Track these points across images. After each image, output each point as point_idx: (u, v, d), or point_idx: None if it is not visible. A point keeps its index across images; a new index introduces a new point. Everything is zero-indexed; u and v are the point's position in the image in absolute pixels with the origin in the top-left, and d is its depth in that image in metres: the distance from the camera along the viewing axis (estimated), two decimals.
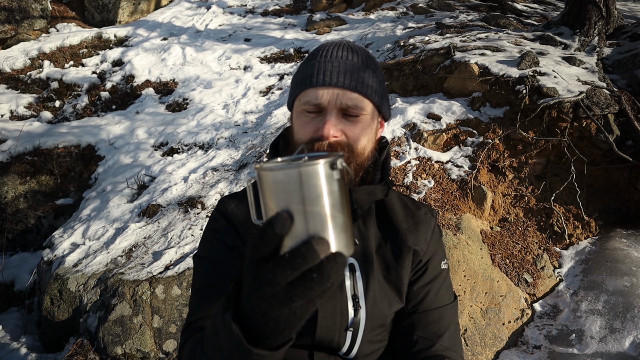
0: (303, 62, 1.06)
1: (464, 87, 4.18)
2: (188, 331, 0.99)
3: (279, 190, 0.58)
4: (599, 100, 3.65)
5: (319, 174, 0.57)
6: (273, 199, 0.59)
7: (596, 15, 4.78)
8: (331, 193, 0.58)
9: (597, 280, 3.03)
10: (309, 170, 0.57)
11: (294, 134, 1.04)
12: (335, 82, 0.95)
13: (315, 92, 0.97)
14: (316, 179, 0.57)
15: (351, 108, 0.97)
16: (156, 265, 3.07)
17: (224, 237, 1.05)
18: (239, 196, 1.12)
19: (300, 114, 1.00)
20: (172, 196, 3.82)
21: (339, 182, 0.59)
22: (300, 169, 0.57)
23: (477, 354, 2.75)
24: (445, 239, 3.08)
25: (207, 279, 1.02)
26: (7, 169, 4.68)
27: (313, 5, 7.87)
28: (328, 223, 0.57)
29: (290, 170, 0.57)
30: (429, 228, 1.15)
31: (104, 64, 6.46)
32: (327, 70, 0.96)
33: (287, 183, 0.58)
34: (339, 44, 1.04)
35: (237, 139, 4.55)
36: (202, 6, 8.13)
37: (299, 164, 0.57)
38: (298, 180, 0.57)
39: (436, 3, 7.04)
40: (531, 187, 3.64)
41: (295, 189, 0.57)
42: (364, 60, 1.02)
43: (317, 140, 0.95)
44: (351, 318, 1.02)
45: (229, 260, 1.02)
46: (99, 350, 2.80)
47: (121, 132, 5.08)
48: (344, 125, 0.98)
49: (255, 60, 6.17)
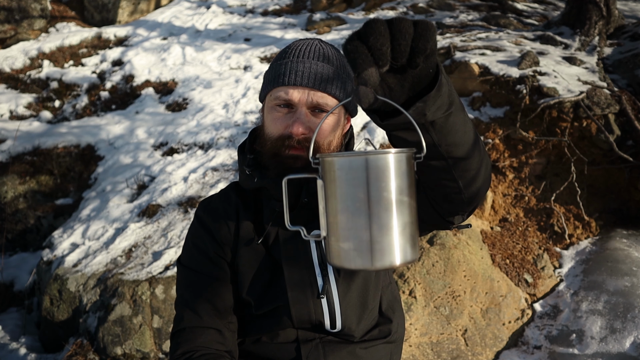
0: (275, 58, 1.12)
1: (464, 86, 4.18)
2: (180, 337, 1.08)
3: (345, 178, 0.63)
4: (599, 100, 3.64)
5: (389, 162, 0.63)
6: (346, 186, 0.64)
7: (597, 15, 4.77)
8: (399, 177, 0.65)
9: (597, 281, 3.03)
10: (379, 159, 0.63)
11: (265, 128, 1.10)
12: (306, 83, 1.02)
13: (286, 89, 1.03)
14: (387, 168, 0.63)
15: (319, 105, 1.04)
16: (156, 265, 3.07)
17: (201, 245, 1.13)
18: (213, 198, 1.19)
19: (272, 109, 1.07)
20: (172, 196, 3.81)
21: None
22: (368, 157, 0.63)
23: (478, 354, 2.74)
24: (445, 239, 3.07)
25: (191, 287, 1.12)
26: (6, 169, 4.68)
27: (313, 5, 7.86)
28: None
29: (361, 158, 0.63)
30: None
31: (104, 64, 6.45)
32: (298, 71, 1.02)
33: (358, 170, 0.63)
34: (309, 44, 1.09)
35: (237, 138, 4.54)
36: (202, 6, 8.12)
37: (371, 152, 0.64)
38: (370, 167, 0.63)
39: (436, 3, 7.03)
40: (531, 187, 3.64)
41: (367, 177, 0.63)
42: (332, 60, 1.08)
43: (287, 138, 1.02)
44: (320, 285, 1.08)
45: (208, 270, 1.11)
46: (99, 351, 2.79)
47: (121, 132, 5.07)
48: (311, 120, 1.04)
49: (255, 60, 6.16)
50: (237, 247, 1.11)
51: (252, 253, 1.10)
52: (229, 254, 1.12)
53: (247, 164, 1.12)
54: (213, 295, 1.10)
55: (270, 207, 1.11)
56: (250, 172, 1.10)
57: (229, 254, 1.12)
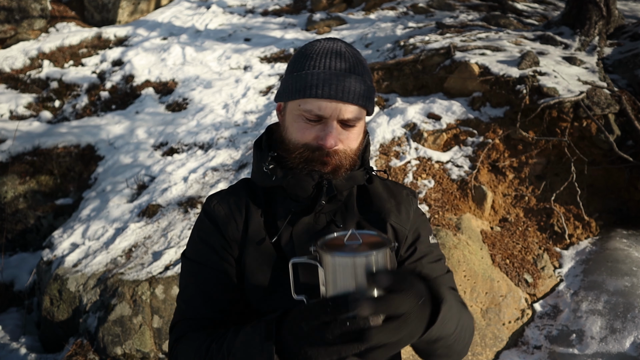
0: (299, 60, 1.09)
1: (464, 87, 4.18)
2: (181, 327, 1.07)
3: (343, 272, 0.77)
4: (599, 100, 3.64)
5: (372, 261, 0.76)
6: (339, 278, 0.77)
7: (597, 15, 4.77)
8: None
9: (597, 281, 3.03)
10: (366, 259, 0.76)
11: (288, 133, 1.09)
12: (340, 97, 1.03)
13: (317, 103, 1.03)
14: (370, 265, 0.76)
15: (351, 120, 1.05)
16: (156, 266, 3.07)
17: (208, 239, 1.12)
18: (222, 194, 1.18)
19: (299, 117, 1.06)
20: (172, 196, 3.81)
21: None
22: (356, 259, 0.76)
23: (477, 354, 2.74)
24: (445, 239, 3.07)
25: (194, 280, 1.11)
26: (6, 169, 4.68)
27: (313, 5, 7.86)
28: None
29: (353, 259, 0.76)
30: (411, 208, 1.19)
31: (104, 64, 6.45)
32: (332, 84, 1.03)
33: (349, 267, 0.76)
34: (337, 50, 1.08)
35: (237, 138, 4.54)
36: (202, 6, 8.12)
37: (363, 254, 0.76)
38: (359, 265, 0.76)
39: (436, 3, 7.03)
40: (531, 187, 3.64)
41: (354, 273, 0.76)
42: (358, 68, 1.08)
43: (317, 149, 1.05)
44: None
45: (213, 263, 1.10)
46: (99, 351, 2.79)
47: (121, 132, 5.07)
48: (341, 134, 1.06)
49: (255, 60, 6.16)
50: (245, 245, 1.10)
51: (262, 251, 1.09)
52: (236, 250, 1.11)
53: (266, 161, 1.11)
54: (216, 289, 1.08)
55: (285, 207, 1.10)
56: (269, 170, 1.10)
57: (236, 250, 1.11)
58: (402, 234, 1.14)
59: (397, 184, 1.24)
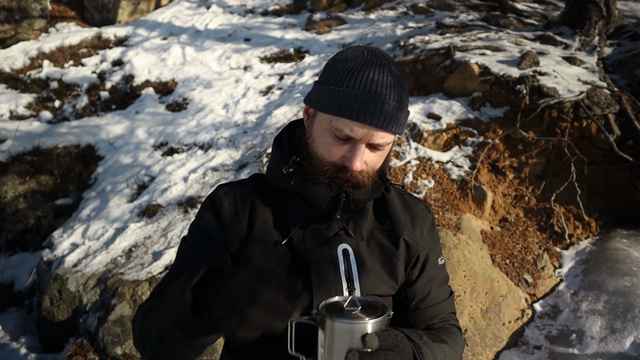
0: (337, 72, 1.03)
1: (464, 87, 4.18)
2: (152, 298, 1.08)
3: (341, 336, 0.86)
4: (599, 100, 3.64)
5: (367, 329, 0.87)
6: (337, 341, 0.87)
7: (596, 15, 4.77)
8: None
9: (597, 281, 3.03)
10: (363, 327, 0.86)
11: (314, 144, 1.07)
12: (375, 123, 0.99)
13: (351, 125, 1.00)
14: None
15: (380, 145, 1.05)
16: (156, 266, 3.07)
17: (205, 226, 1.12)
18: (232, 185, 1.18)
19: (328, 132, 1.04)
20: (172, 196, 3.82)
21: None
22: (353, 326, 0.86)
23: (477, 354, 2.74)
24: (445, 239, 3.07)
25: (182, 261, 1.13)
26: (6, 169, 4.68)
27: (313, 5, 7.86)
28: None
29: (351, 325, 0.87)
30: (425, 224, 1.18)
31: (104, 64, 6.45)
32: (369, 110, 0.98)
33: (347, 332, 0.86)
34: (377, 70, 1.01)
35: (237, 138, 4.55)
36: (202, 6, 8.12)
37: (361, 322, 0.87)
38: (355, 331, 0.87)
39: (436, 3, 7.03)
40: (531, 187, 3.64)
41: (351, 338, 0.86)
42: (398, 92, 1.02)
43: (342, 169, 1.04)
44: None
45: (208, 252, 1.10)
46: (99, 351, 2.80)
47: (121, 132, 5.07)
48: (367, 156, 1.05)
49: (255, 60, 6.16)
50: (248, 241, 1.09)
51: (271, 251, 1.08)
52: (237, 243, 1.09)
53: (287, 164, 1.09)
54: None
55: (299, 211, 1.09)
56: (288, 173, 1.08)
57: (236, 243, 1.09)
58: (414, 249, 1.15)
59: (412, 197, 1.24)
